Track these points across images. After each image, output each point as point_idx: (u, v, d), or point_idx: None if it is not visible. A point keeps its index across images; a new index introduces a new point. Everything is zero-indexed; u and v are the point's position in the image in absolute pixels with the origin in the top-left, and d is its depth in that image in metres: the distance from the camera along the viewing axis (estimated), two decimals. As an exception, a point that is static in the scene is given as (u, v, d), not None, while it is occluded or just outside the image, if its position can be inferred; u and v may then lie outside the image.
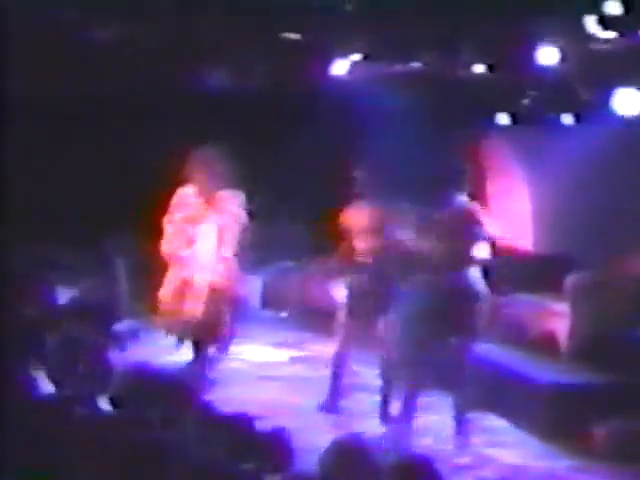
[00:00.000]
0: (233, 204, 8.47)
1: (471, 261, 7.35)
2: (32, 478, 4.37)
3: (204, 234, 8.45)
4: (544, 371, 8.06)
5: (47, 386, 5.41)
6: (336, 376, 8.16)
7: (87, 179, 10.82)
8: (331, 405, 8.10)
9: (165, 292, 8.54)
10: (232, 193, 8.50)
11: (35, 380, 5.37)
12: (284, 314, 11.08)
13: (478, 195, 9.69)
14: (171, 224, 8.50)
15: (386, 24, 8.43)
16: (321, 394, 8.36)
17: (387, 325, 7.84)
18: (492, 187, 10.45)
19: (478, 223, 7.37)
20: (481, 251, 7.38)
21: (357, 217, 8.08)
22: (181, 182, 8.48)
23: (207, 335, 8.52)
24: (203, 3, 8.34)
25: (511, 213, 10.10)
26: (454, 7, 7.74)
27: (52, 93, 9.90)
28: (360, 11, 8.33)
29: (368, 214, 8.04)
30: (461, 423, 7.41)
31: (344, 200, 8.08)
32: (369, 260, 8.01)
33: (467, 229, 7.36)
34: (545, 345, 8.48)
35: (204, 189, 8.41)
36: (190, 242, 8.43)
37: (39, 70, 9.33)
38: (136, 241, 10.58)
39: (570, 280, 8.58)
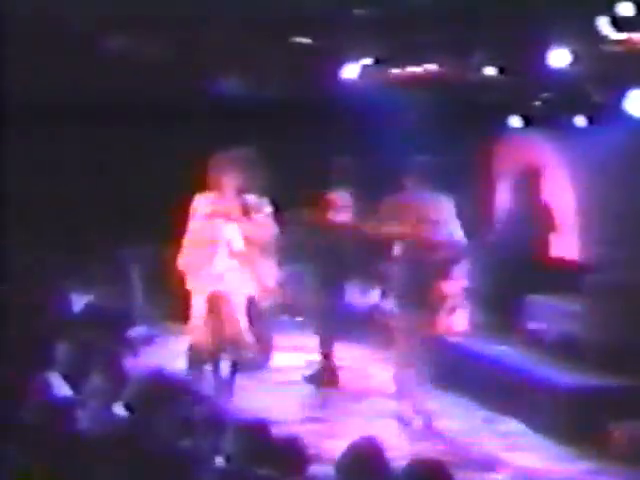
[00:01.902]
0: (262, 211, 8.23)
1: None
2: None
3: (233, 243, 8.14)
4: (562, 374, 8.02)
5: (62, 391, 5.43)
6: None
7: (104, 187, 10.85)
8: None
9: (197, 311, 8.03)
10: (259, 200, 8.26)
11: (50, 385, 5.38)
12: (300, 318, 11.07)
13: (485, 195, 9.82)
14: (192, 233, 8.14)
15: (397, 28, 8.43)
16: (338, 398, 8.39)
17: None
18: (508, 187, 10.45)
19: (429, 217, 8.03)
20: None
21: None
22: (197, 189, 8.36)
23: (249, 354, 8.25)
24: (216, 9, 8.35)
25: (533, 213, 10.08)
26: (465, 10, 7.72)
27: (71, 102, 9.93)
28: (371, 15, 8.33)
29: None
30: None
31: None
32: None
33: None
34: (563, 348, 8.45)
35: (229, 193, 8.12)
36: (215, 252, 8.16)
37: (59, 80, 9.37)
38: (151, 248, 10.60)
39: (589, 282, 8.55)
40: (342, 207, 9.15)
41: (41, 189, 10.58)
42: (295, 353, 9.92)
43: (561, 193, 10.05)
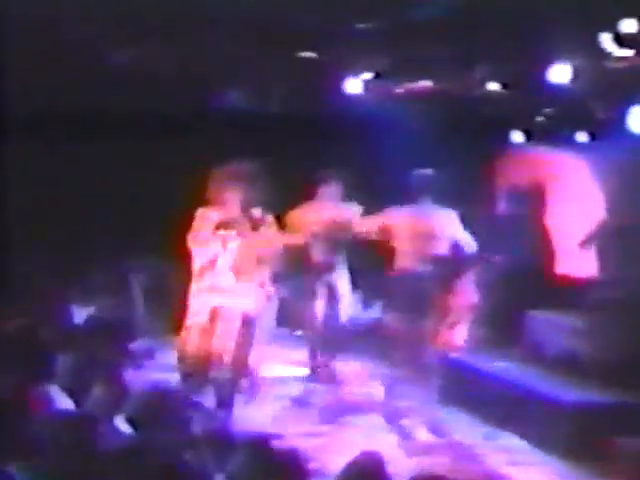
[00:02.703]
0: (267, 225, 8.16)
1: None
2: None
3: (237, 256, 8.04)
4: (565, 390, 8.00)
5: (64, 404, 5.42)
6: None
7: (105, 198, 10.85)
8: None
9: (193, 325, 7.93)
10: (263, 212, 8.19)
11: (51, 398, 5.37)
12: (299, 332, 11.06)
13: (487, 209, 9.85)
14: (198, 242, 8.05)
15: (400, 42, 8.44)
16: (338, 412, 8.37)
17: None
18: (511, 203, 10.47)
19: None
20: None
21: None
22: (199, 201, 8.35)
23: (239, 376, 8.11)
24: (219, 23, 8.37)
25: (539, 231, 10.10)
26: (468, 25, 7.74)
27: (73, 113, 9.95)
28: (374, 29, 8.35)
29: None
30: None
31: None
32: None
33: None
34: (566, 364, 8.44)
35: (233, 207, 8.05)
36: (218, 266, 8.05)
37: (62, 90, 9.38)
38: (152, 261, 10.60)
39: (591, 298, 8.54)
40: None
41: (43, 201, 10.59)
42: (295, 367, 9.92)
43: (563, 209, 10.06)
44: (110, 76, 9.29)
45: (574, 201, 9.92)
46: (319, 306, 9.60)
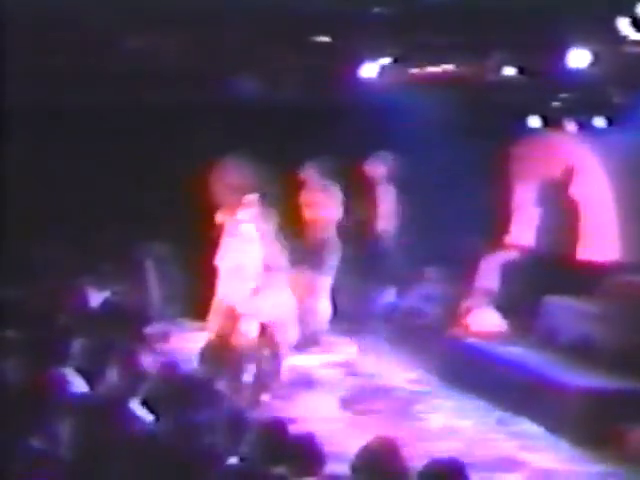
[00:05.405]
0: (258, 207, 8.21)
1: None
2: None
3: (238, 245, 8.12)
4: (578, 376, 8.00)
5: (79, 387, 5.45)
6: None
7: (120, 185, 10.87)
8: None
9: (211, 321, 8.20)
10: (255, 197, 8.23)
11: (68, 381, 5.40)
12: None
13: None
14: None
15: (416, 27, 8.41)
16: (352, 397, 8.40)
17: None
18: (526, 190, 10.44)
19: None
20: None
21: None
22: (211, 187, 8.36)
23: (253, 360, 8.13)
24: (232, 8, 8.35)
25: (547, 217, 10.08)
26: (485, 10, 7.71)
27: (88, 101, 9.96)
28: (390, 14, 8.31)
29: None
30: None
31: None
32: None
33: None
34: (581, 350, 8.43)
35: (233, 197, 8.12)
36: (223, 255, 8.16)
37: (77, 79, 9.39)
38: (167, 245, 10.62)
39: (606, 284, 8.52)
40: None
41: (60, 188, 10.61)
42: (313, 354, 9.92)
43: (579, 195, 10.03)
44: (122, 64, 9.29)
45: (591, 186, 9.88)
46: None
